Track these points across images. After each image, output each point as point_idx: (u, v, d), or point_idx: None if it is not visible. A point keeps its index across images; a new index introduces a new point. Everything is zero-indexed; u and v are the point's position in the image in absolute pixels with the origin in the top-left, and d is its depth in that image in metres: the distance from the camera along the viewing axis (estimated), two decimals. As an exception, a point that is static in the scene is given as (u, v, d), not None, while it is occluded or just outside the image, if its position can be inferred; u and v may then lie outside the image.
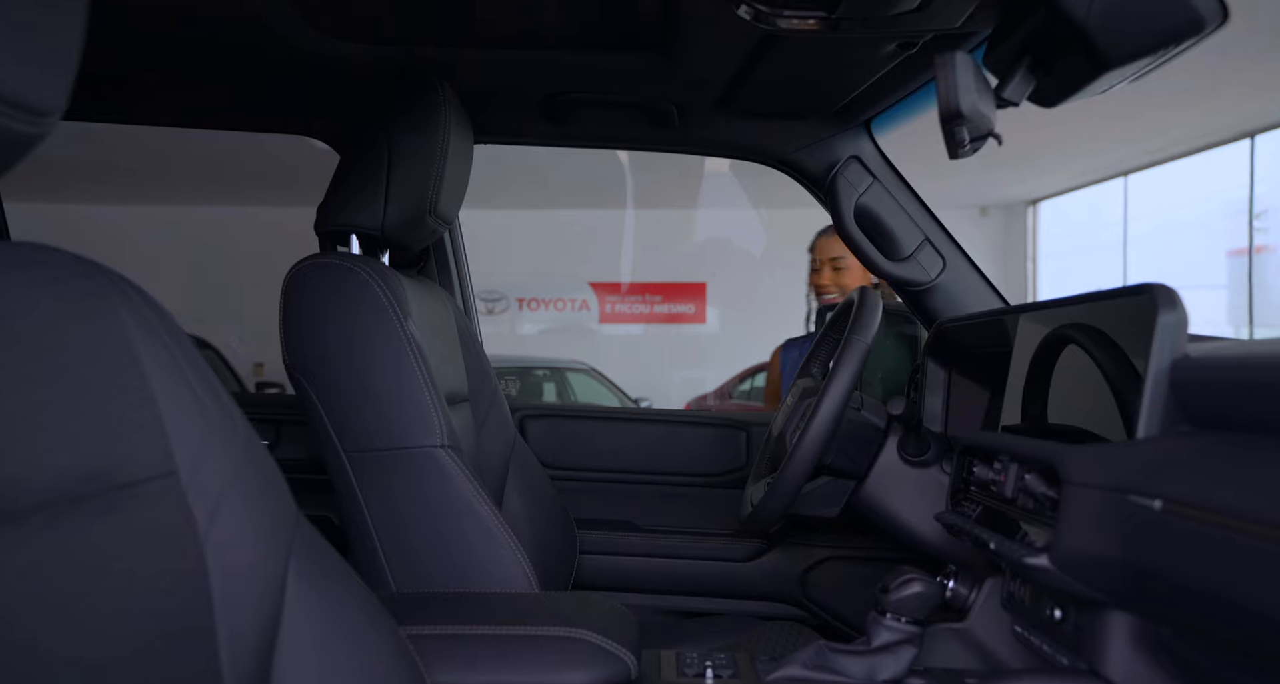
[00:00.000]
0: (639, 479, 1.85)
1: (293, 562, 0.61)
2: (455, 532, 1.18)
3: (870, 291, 1.34)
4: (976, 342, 1.43)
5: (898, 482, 1.28)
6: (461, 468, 1.18)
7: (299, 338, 1.19)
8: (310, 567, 0.63)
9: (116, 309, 0.53)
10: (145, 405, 0.52)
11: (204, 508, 0.53)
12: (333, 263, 1.20)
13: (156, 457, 0.52)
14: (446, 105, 1.32)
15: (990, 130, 0.97)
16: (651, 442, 1.85)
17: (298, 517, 0.67)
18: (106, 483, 0.48)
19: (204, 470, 0.54)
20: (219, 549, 0.53)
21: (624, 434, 1.86)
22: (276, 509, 0.62)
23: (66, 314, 0.50)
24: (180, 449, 0.53)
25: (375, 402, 1.17)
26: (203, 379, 0.58)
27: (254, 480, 0.59)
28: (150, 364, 0.53)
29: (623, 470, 1.85)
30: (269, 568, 0.59)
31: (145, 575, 0.49)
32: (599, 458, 1.85)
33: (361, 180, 1.30)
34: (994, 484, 1.00)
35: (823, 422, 1.21)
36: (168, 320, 0.57)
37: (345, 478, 1.18)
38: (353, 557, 1.21)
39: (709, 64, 1.40)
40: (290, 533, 0.63)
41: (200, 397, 0.57)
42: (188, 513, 0.52)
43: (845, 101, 1.52)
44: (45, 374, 0.47)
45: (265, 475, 0.62)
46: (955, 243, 1.63)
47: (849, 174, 1.61)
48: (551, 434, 1.85)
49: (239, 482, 0.57)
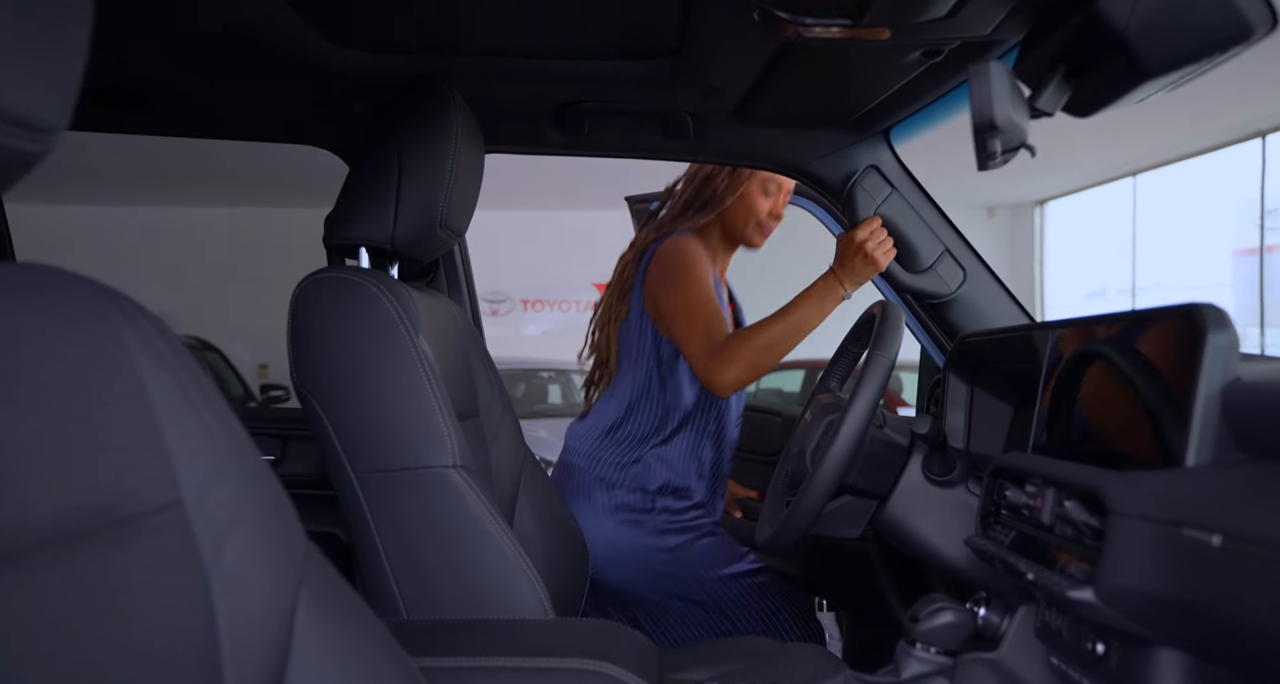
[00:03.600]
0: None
1: (303, 593, 0.59)
2: (468, 555, 1.15)
3: (892, 305, 1.30)
4: (1000, 356, 1.39)
5: (922, 502, 1.25)
6: (474, 489, 1.15)
7: (307, 355, 1.16)
8: (321, 598, 0.61)
9: (120, 333, 0.51)
10: (151, 434, 0.50)
11: (211, 539, 0.51)
12: (341, 277, 1.17)
13: (162, 488, 0.50)
14: (457, 114, 1.28)
15: (1023, 141, 0.94)
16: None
17: (308, 545, 0.64)
18: (111, 516, 0.46)
19: (211, 500, 0.53)
20: (226, 582, 0.52)
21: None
22: (286, 538, 0.60)
23: (68, 340, 0.48)
24: (186, 478, 0.51)
25: (386, 421, 1.14)
26: (210, 403, 0.56)
27: (263, 509, 0.57)
28: (156, 391, 0.51)
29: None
30: (278, 599, 0.57)
31: (149, 610, 0.47)
32: None
33: (370, 192, 1.26)
34: (1028, 509, 0.96)
35: (846, 441, 1.17)
36: (173, 342, 0.55)
37: (354, 499, 1.15)
38: (362, 579, 1.18)
39: (726, 72, 1.37)
40: (300, 563, 0.61)
41: (207, 422, 0.55)
42: (193, 545, 0.50)
43: (864, 111, 1.48)
44: (47, 404, 0.45)
45: (274, 504, 0.59)
46: (976, 254, 1.60)
47: (867, 184, 1.58)
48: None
49: (247, 511, 0.56)
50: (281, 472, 1.69)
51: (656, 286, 1.64)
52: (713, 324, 1.57)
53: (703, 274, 1.63)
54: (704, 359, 1.55)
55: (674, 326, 1.61)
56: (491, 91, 1.47)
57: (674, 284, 1.61)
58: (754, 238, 1.76)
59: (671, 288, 1.61)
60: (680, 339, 1.60)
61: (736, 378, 1.53)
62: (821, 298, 1.56)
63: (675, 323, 1.61)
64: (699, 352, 1.56)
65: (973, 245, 1.60)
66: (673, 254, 1.64)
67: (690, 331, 1.57)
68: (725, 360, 1.53)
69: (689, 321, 1.58)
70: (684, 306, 1.59)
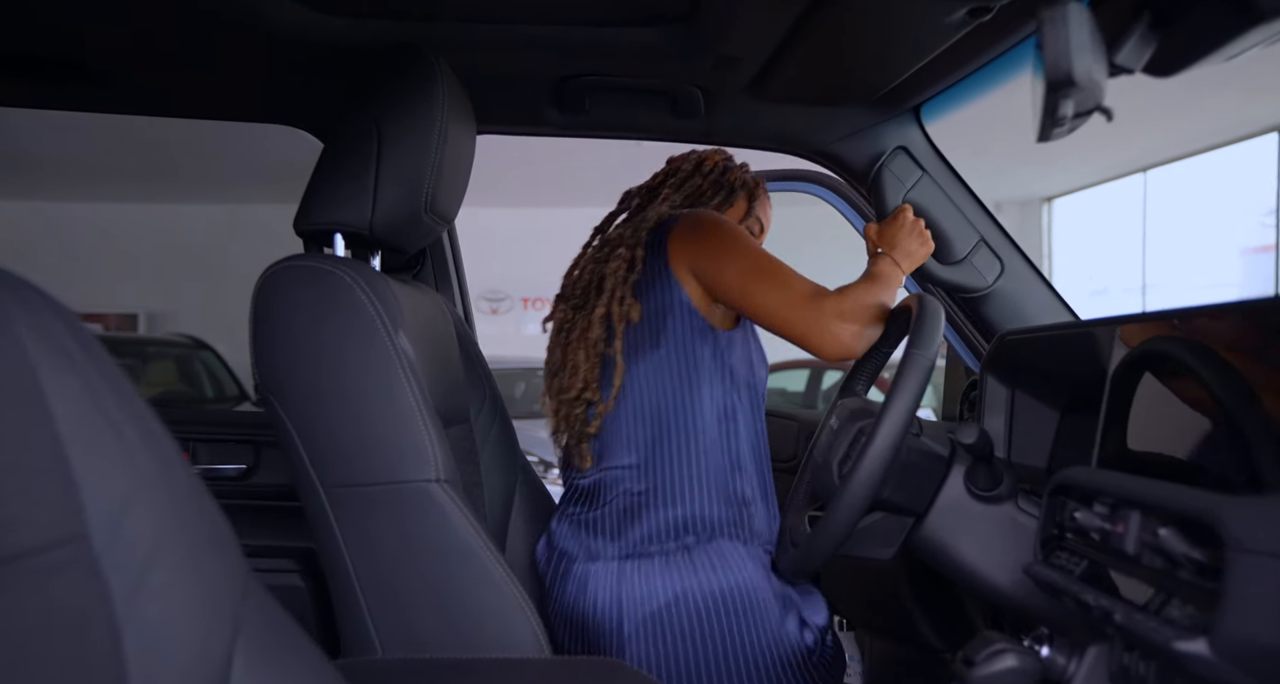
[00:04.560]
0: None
1: (240, 642, 0.52)
2: (452, 581, 1.01)
3: (930, 299, 1.16)
4: (1048, 357, 1.25)
5: (965, 520, 1.11)
6: (459, 505, 1.02)
7: (270, 353, 1.03)
8: (264, 647, 0.54)
9: (11, 323, 0.43)
10: (48, 451, 0.43)
11: (124, 579, 0.44)
12: (310, 265, 1.03)
13: (61, 517, 0.43)
14: (444, 86, 1.14)
15: (1099, 102, 0.80)
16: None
17: (248, 581, 0.56)
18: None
19: (126, 531, 0.45)
20: (142, 630, 0.44)
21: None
22: (221, 574, 0.52)
23: None
24: (94, 505, 0.44)
25: (359, 428, 1.01)
26: (128, 410, 0.49)
27: (193, 539, 0.50)
28: (57, 396, 0.44)
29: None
30: (209, 651, 0.49)
31: (43, 668, 0.40)
32: None
33: (347, 172, 1.13)
34: (1101, 534, 0.83)
35: (880, 452, 1.03)
36: (81, 335, 0.47)
37: (323, 517, 1.02)
38: (333, 609, 1.05)
39: (743, 40, 1.23)
40: (238, 604, 0.53)
41: (124, 435, 0.47)
42: (102, 586, 0.43)
43: (894, 85, 1.35)
44: None
45: (208, 533, 0.52)
46: (1014, 244, 1.46)
47: (895, 167, 1.44)
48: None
49: (173, 542, 0.48)
50: (253, 482, 1.55)
51: (701, 254, 1.26)
52: (795, 275, 1.25)
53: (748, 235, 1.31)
54: (812, 312, 1.20)
55: (749, 289, 1.23)
56: (482, 63, 1.33)
57: (728, 242, 1.25)
58: None
59: (727, 247, 1.25)
60: (761, 302, 1.22)
61: (861, 333, 1.21)
62: (887, 277, 1.30)
63: (750, 284, 1.23)
64: (799, 304, 1.21)
65: (1010, 235, 1.46)
66: (705, 217, 1.29)
67: (775, 286, 1.21)
68: (843, 311, 1.20)
69: (773, 275, 1.22)
70: (755, 263, 1.23)
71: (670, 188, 1.41)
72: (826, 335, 1.20)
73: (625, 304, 1.27)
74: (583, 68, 1.36)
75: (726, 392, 1.28)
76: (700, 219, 1.29)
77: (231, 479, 1.57)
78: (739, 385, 1.29)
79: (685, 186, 1.41)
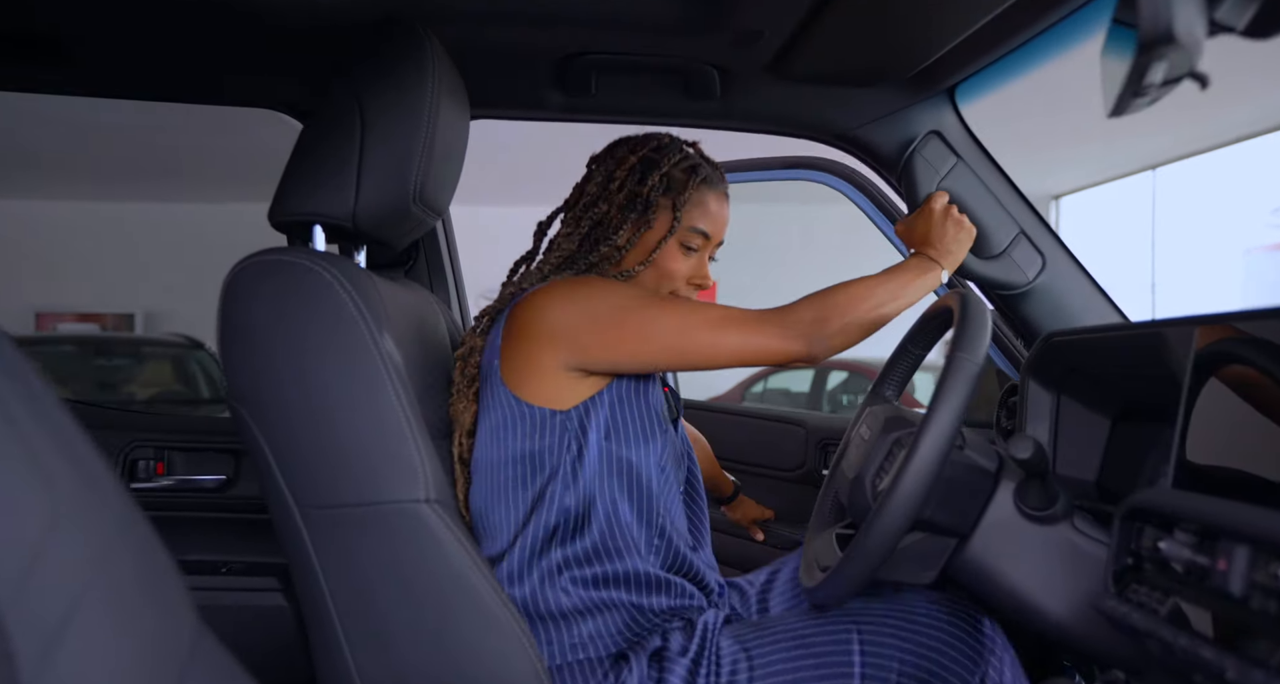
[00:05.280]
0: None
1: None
2: (443, 613, 0.91)
3: (974, 296, 1.05)
4: (1099, 361, 1.14)
5: (1015, 542, 1.00)
6: (451, 527, 0.91)
7: (239, 358, 0.92)
8: None
9: None
10: None
11: (35, 636, 0.37)
12: (285, 260, 0.92)
13: None
14: (435, 64, 1.03)
15: (1193, 67, 0.69)
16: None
17: (197, 637, 0.48)
18: None
19: (39, 577, 0.37)
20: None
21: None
22: (161, 631, 0.44)
23: None
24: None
25: (339, 442, 0.90)
26: (45, 425, 0.41)
27: (125, 581, 0.42)
28: None
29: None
30: None
31: None
32: None
33: (327, 157, 1.02)
34: (1192, 568, 0.71)
35: (923, 468, 0.92)
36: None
37: (298, 541, 0.91)
38: (309, 643, 0.94)
39: (765, 12, 1.12)
40: (183, 665, 0.45)
41: (40, 457, 0.39)
42: (4, 646, 0.36)
43: (928, 63, 1.23)
44: None
45: (145, 571, 0.45)
46: (1056, 237, 1.35)
47: (928, 153, 1.33)
48: None
49: (101, 586, 0.40)
50: (234, 494, 1.44)
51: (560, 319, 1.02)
52: (707, 307, 1.05)
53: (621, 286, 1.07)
54: (767, 325, 1.03)
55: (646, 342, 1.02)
56: (476, 38, 1.22)
57: (596, 297, 1.03)
58: None
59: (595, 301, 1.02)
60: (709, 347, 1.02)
61: (845, 335, 1.06)
62: (920, 271, 1.15)
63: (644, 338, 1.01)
64: (751, 323, 1.03)
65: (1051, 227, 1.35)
66: (578, 282, 1.06)
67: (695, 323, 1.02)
68: (815, 316, 1.04)
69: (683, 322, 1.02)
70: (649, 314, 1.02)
71: (566, 226, 1.16)
72: (805, 342, 1.04)
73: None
74: (588, 44, 1.24)
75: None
76: (560, 294, 1.03)
77: (210, 491, 1.46)
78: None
79: (583, 222, 1.14)
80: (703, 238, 1.16)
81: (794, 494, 1.78)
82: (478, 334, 1.11)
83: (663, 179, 1.14)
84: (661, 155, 1.15)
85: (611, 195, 1.14)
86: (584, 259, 1.14)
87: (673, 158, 1.15)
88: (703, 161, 1.18)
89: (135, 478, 1.44)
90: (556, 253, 1.15)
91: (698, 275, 1.19)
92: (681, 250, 1.16)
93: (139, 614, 0.43)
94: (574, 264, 1.14)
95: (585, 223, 1.14)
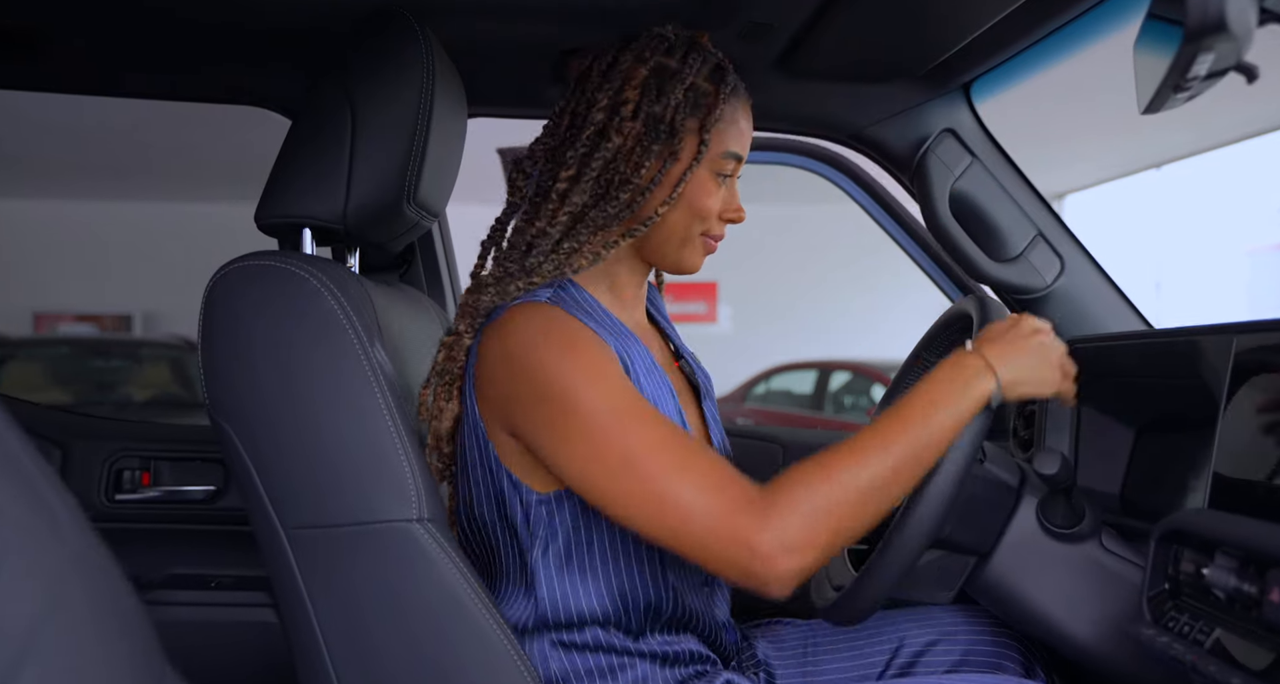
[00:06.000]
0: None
1: None
2: (437, 637, 0.86)
3: (993, 300, 1.00)
4: (1125, 369, 1.09)
5: (1039, 561, 0.95)
6: (446, 548, 0.86)
7: (222, 369, 0.87)
8: None
9: None
10: None
11: None
12: (270, 265, 0.87)
13: None
14: (430, 58, 0.99)
15: (1239, 59, 0.64)
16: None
17: (161, 672, 0.44)
18: None
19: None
20: None
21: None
22: (123, 662, 0.40)
23: None
24: None
25: (327, 459, 0.85)
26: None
27: (78, 626, 0.37)
28: None
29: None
30: None
31: None
32: None
33: (316, 156, 0.97)
34: (1237, 597, 0.67)
35: (944, 484, 0.87)
36: None
37: (283, 562, 0.86)
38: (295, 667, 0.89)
39: (774, 6, 1.07)
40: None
41: None
42: None
43: (944, 58, 1.18)
44: None
45: (103, 616, 0.40)
46: (1075, 239, 1.30)
47: (943, 152, 1.28)
48: None
49: (48, 633, 0.35)
50: (222, 505, 1.40)
51: (517, 414, 0.87)
52: (699, 463, 0.80)
53: (609, 370, 0.85)
54: (730, 524, 0.77)
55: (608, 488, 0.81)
56: (474, 33, 1.17)
57: (567, 406, 0.82)
58: (689, 257, 0.98)
59: (564, 415, 0.83)
60: (635, 512, 0.80)
61: (806, 540, 0.77)
62: (956, 394, 0.84)
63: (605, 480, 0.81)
64: (714, 526, 0.77)
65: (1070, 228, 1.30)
66: (531, 341, 0.86)
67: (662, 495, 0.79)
68: (783, 513, 0.77)
69: (648, 478, 0.79)
70: (620, 449, 0.80)
71: (565, 169, 0.92)
72: (765, 569, 0.76)
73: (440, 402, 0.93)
74: (589, 39, 1.19)
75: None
76: (508, 356, 0.86)
77: (198, 502, 1.42)
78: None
79: (591, 163, 0.91)
80: (735, 161, 0.97)
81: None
82: (464, 332, 0.93)
83: (688, 94, 0.93)
84: (683, 63, 0.93)
85: (624, 123, 0.91)
86: (602, 213, 0.92)
87: (694, 65, 0.93)
88: (723, 63, 0.97)
89: (121, 489, 1.40)
90: (564, 210, 0.92)
91: (730, 207, 0.98)
92: (714, 179, 0.95)
93: (96, 666, 0.39)
94: (591, 224, 0.92)
95: (595, 163, 0.91)
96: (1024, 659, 1.04)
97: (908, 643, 1.07)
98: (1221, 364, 0.85)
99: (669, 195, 0.93)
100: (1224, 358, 0.85)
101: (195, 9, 1.12)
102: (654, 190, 0.93)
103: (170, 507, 1.41)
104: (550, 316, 0.87)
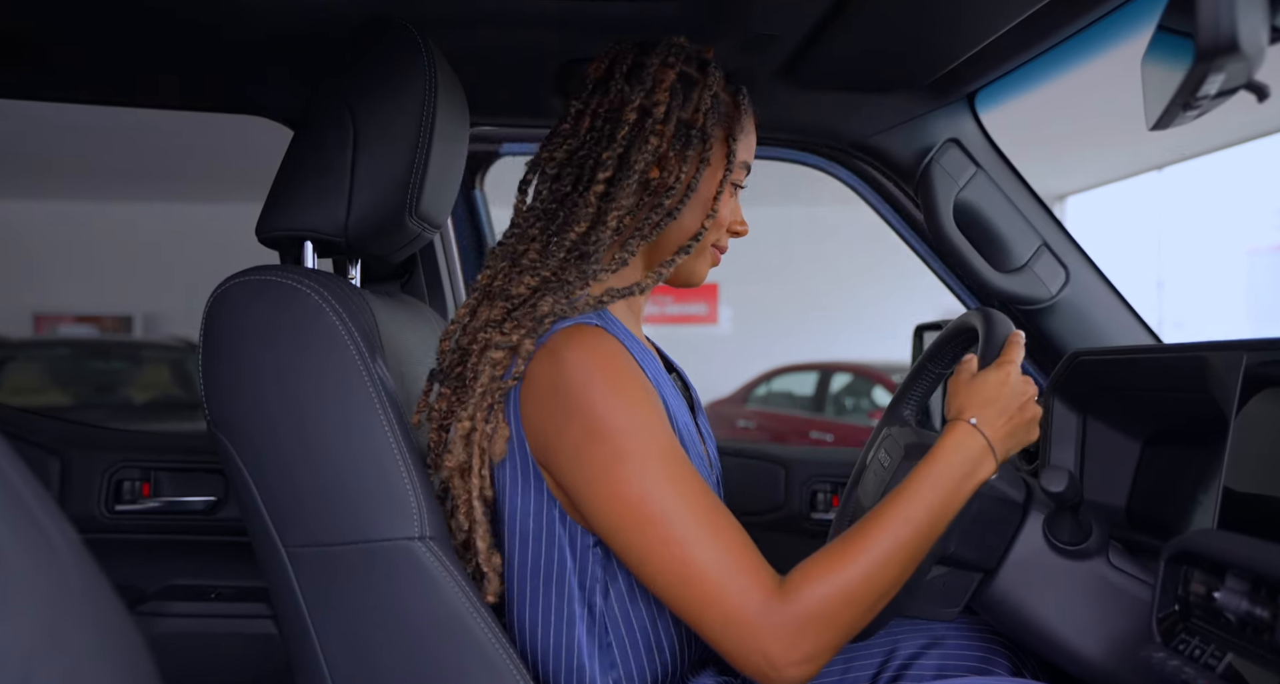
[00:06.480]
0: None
1: None
2: (439, 656, 0.85)
3: (998, 314, 1.00)
4: (1131, 381, 1.09)
5: (1045, 578, 0.94)
6: (448, 566, 0.86)
7: (222, 384, 0.86)
8: None
9: None
10: None
11: None
12: (270, 279, 0.86)
13: None
14: (432, 69, 0.98)
15: (1250, 78, 0.64)
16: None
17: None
18: None
19: None
20: None
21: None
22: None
23: None
24: None
25: (328, 476, 0.84)
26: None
27: (75, 655, 0.36)
28: None
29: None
30: None
31: None
32: None
33: (317, 169, 0.97)
34: (1248, 621, 0.66)
35: None
36: None
37: (284, 582, 0.85)
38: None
39: (778, 14, 1.06)
40: None
41: None
42: None
43: (949, 68, 1.18)
44: None
45: (100, 644, 0.38)
46: (1080, 249, 1.29)
47: (947, 162, 1.27)
48: None
49: (46, 663, 0.34)
50: (222, 516, 1.39)
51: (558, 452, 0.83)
52: (725, 540, 0.79)
53: (657, 414, 0.83)
54: (747, 620, 0.76)
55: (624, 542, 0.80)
56: (476, 44, 1.16)
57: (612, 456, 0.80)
58: (700, 268, 0.97)
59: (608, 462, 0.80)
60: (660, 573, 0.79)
61: (819, 651, 0.76)
62: (959, 481, 0.84)
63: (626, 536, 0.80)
64: (729, 607, 0.76)
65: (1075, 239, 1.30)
66: (588, 376, 0.81)
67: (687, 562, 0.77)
68: (800, 625, 0.76)
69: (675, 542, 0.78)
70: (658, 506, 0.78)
71: (601, 171, 0.87)
72: (774, 662, 0.75)
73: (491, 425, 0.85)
74: (591, 49, 1.19)
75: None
76: (560, 388, 0.81)
77: (199, 513, 1.41)
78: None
79: (634, 165, 0.87)
80: (746, 172, 0.97)
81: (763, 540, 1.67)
82: (501, 339, 0.85)
83: (714, 101, 0.91)
84: (703, 72, 0.92)
85: (659, 127, 0.88)
86: (646, 220, 0.89)
87: (714, 74, 0.92)
88: (731, 75, 0.97)
89: (121, 500, 1.39)
90: (612, 213, 0.87)
91: (737, 218, 0.98)
92: (729, 189, 0.94)
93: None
94: (639, 232, 0.89)
95: (637, 165, 0.86)
96: (1011, 665, 1.03)
97: (899, 651, 1.06)
98: (1231, 378, 0.85)
99: (710, 208, 0.92)
100: (1234, 372, 0.84)
101: (193, 16, 1.12)
102: (691, 198, 0.92)
103: (170, 517, 1.40)
104: (607, 351, 0.83)
